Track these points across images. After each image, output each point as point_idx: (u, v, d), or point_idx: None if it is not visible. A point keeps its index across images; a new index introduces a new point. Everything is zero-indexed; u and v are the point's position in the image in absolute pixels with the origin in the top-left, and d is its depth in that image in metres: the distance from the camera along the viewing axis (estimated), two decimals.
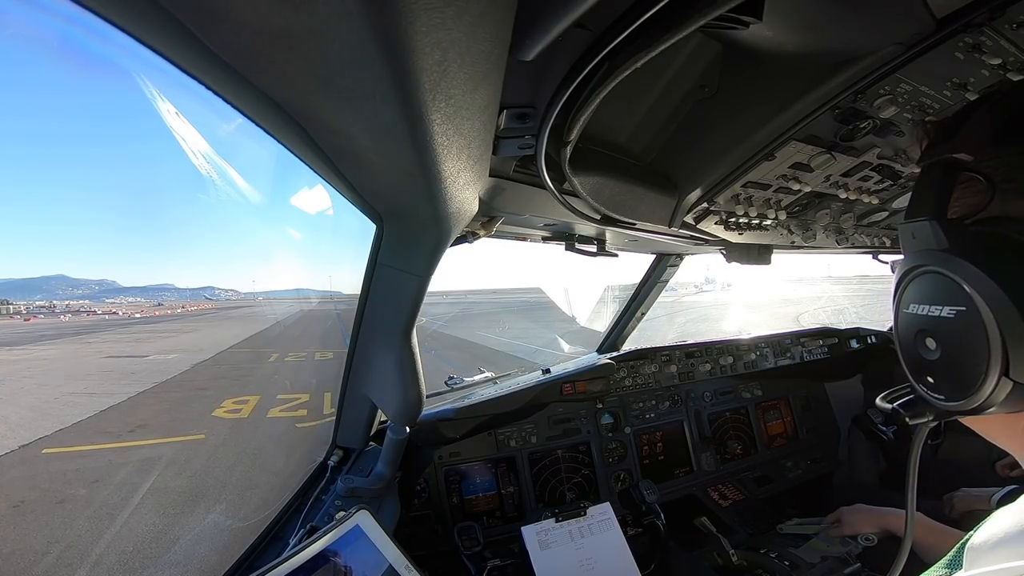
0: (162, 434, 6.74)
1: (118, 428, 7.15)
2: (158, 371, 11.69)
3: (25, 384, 10.70)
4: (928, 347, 0.44)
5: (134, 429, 7.05)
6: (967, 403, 0.42)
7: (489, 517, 1.65)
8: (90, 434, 6.93)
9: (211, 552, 3.72)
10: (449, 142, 0.57)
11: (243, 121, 0.57)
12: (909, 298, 0.46)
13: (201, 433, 6.70)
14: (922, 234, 0.44)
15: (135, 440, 6.57)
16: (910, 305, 0.46)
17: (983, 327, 0.39)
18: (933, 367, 0.45)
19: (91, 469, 5.56)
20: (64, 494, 4.93)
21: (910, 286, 0.46)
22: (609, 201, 0.95)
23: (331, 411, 1.44)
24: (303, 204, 2.39)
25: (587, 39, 0.49)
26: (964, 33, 0.53)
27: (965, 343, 0.41)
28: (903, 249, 0.47)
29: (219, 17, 0.39)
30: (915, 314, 0.45)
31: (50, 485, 5.15)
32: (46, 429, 7.08)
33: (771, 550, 1.52)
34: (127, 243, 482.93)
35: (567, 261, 1.52)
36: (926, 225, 0.44)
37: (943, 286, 0.42)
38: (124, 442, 6.52)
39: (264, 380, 10.57)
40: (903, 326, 0.47)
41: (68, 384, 10.56)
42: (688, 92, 0.82)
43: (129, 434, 6.85)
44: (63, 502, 4.76)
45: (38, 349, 18.34)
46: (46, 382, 10.94)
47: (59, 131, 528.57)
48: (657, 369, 2.03)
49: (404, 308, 1.14)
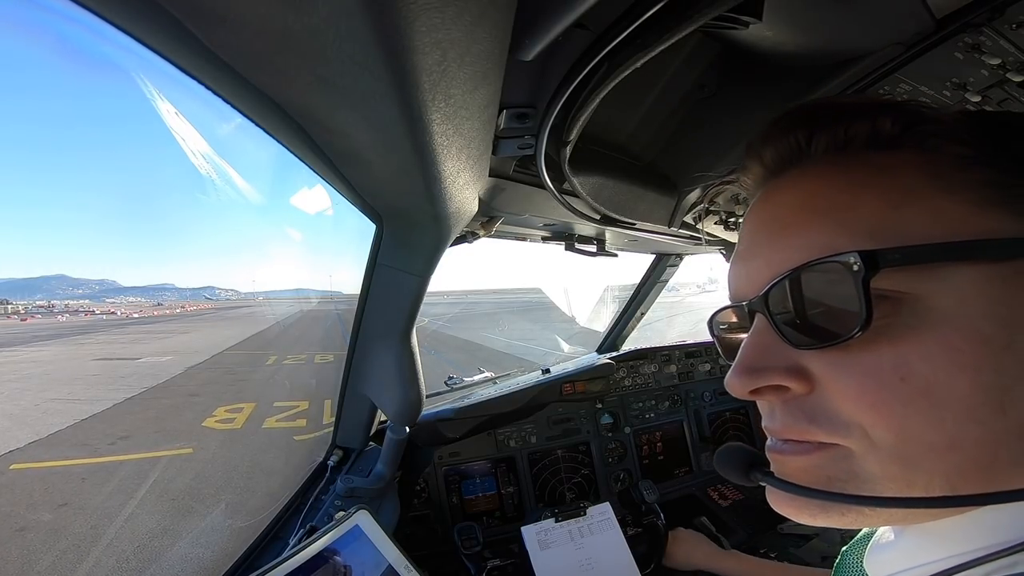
0: (145, 448, 6.12)
1: (98, 440, 6.48)
2: (149, 375, 11.13)
3: (8, 389, 10.02)
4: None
5: (115, 441, 6.44)
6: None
7: (489, 517, 1.65)
8: (66, 447, 6.28)
9: None
10: (449, 142, 0.57)
11: (242, 121, 0.57)
12: None
13: (189, 447, 6.07)
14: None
15: (114, 455, 5.92)
16: None
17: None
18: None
19: (61, 489, 4.90)
20: (26, 520, 4.29)
21: None
22: (609, 201, 0.95)
23: (331, 421, 1.42)
24: (303, 204, 2.34)
25: (587, 39, 0.49)
26: (964, 33, 0.53)
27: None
28: None
29: (219, 17, 0.39)
30: None
31: (12, 508, 4.48)
32: (19, 441, 6.44)
33: (771, 550, 1.52)
34: (127, 243, 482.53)
35: (567, 261, 1.52)
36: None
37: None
38: (102, 457, 5.88)
39: (261, 385, 10.08)
40: None
41: (52, 389, 9.91)
42: (687, 92, 0.82)
43: (109, 447, 6.21)
44: (23, 530, 4.12)
45: (29, 350, 17.85)
46: (30, 386, 10.29)
47: (58, 133, 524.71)
48: (657, 369, 2.03)
49: (404, 308, 1.14)
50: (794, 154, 0.38)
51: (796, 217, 0.35)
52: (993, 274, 0.29)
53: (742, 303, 0.38)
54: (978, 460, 0.29)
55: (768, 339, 0.35)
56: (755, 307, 0.36)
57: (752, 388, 0.35)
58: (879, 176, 0.33)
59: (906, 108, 0.35)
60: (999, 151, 0.33)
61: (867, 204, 0.32)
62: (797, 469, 0.35)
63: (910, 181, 0.32)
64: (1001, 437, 0.29)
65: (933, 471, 0.30)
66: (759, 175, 0.40)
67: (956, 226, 0.30)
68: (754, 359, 0.35)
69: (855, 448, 0.32)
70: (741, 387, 0.35)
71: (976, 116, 0.35)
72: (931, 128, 0.34)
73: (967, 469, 0.30)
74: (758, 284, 0.35)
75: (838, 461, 0.33)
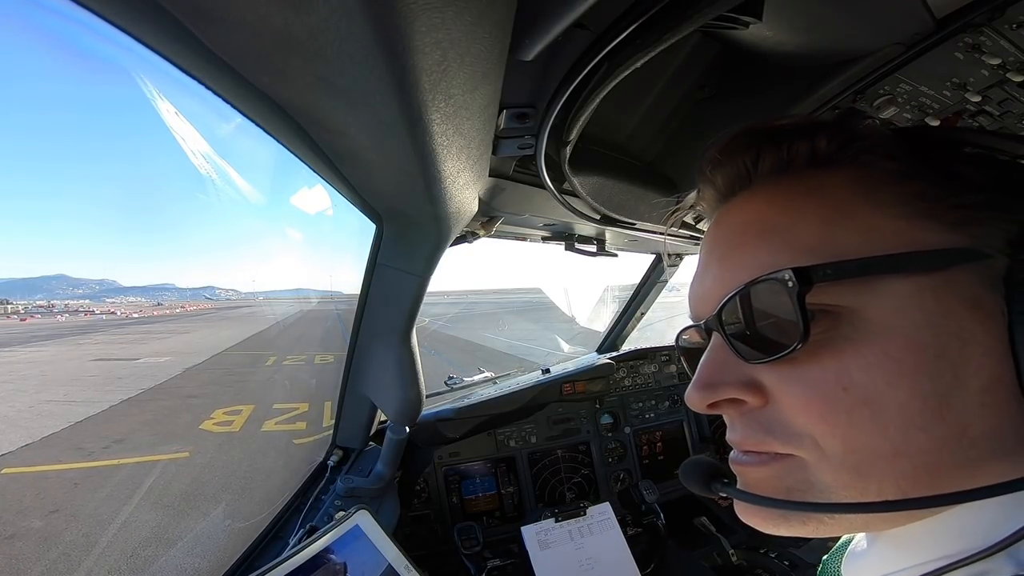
0: (140, 451, 5.94)
1: (92, 444, 6.29)
2: (146, 376, 10.92)
3: (3, 390, 9.76)
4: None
5: (109, 445, 6.22)
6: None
7: (489, 517, 1.65)
8: (59, 451, 6.08)
9: None
10: (449, 142, 0.57)
11: (243, 121, 0.57)
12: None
13: (185, 451, 5.88)
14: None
15: (108, 459, 5.75)
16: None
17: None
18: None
19: (52, 495, 4.72)
20: (16, 527, 4.13)
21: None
22: (609, 201, 0.95)
23: (331, 424, 1.41)
24: (303, 204, 2.31)
25: (587, 39, 0.49)
26: (964, 33, 0.53)
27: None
28: None
29: (219, 17, 0.39)
30: None
31: (1, 514, 4.34)
32: (11, 444, 6.27)
33: (771, 550, 1.52)
34: (127, 244, 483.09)
35: (567, 261, 1.52)
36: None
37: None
38: (96, 461, 5.71)
39: (260, 387, 9.88)
40: None
41: (48, 390, 9.67)
42: (688, 92, 0.82)
43: (103, 451, 6.03)
44: (12, 537, 3.96)
45: (26, 351, 17.61)
46: (25, 388, 10.03)
47: (58, 135, 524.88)
48: (657, 369, 2.03)
49: (404, 308, 1.14)
50: (742, 177, 0.40)
51: (743, 238, 0.37)
52: (924, 285, 0.30)
53: (700, 322, 0.39)
54: (925, 465, 0.30)
55: (723, 355, 0.36)
56: (710, 325, 0.37)
57: (709, 402, 0.36)
58: (817, 194, 0.35)
59: (842, 126, 0.37)
60: (925, 164, 0.34)
61: (805, 222, 0.34)
62: (758, 480, 0.36)
63: (845, 197, 0.34)
64: (944, 442, 0.30)
65: (883, 478, 0.31)
66: (712, 199, 0.42)
67: (888, 239, 0.32)
68: (710, 375, 0.36)
69: (808, 458, 0.33)
70: (700, 401, 0.37)
71: (905, 131, 0.37)
72: (864, 144, 0.36)
73: (915, 475, 0.30)
74: (712, 303, 0.37)
75: (794, 471, 0.34)
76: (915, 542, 0.34)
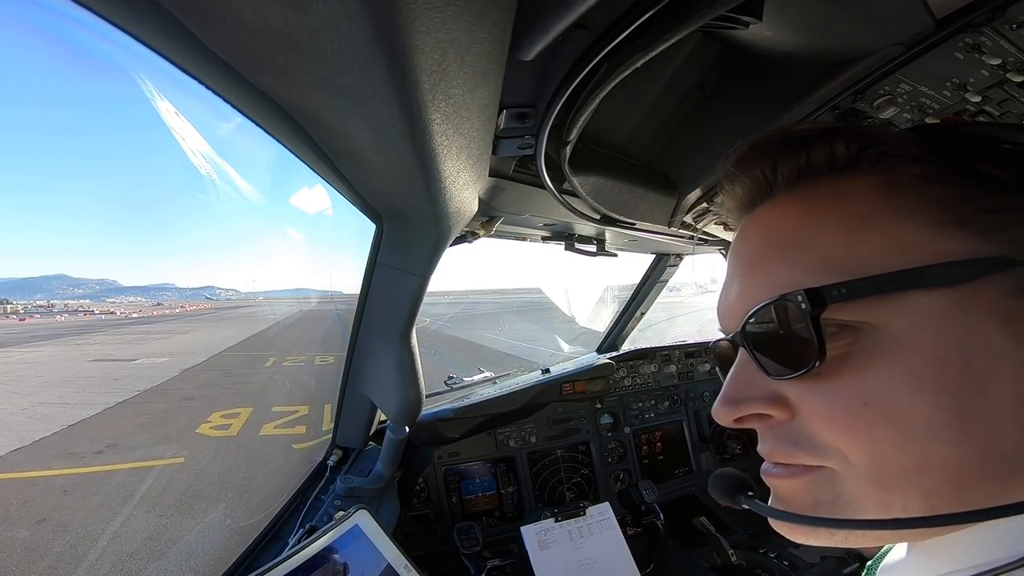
0: (134, 457, 5.72)
1: (84, 448, 6.04)
2: (144, 377, 10.67)
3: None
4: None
5: (102, 450, 5.99)
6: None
7: (488, 517, 1.65)
8: (50, 456, 5.85)
9: None
10: (449, 142, 0.57)
11: (243, 120, 0.57)
12: None
13: (180, 456, 5.67)
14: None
15: (100, 464, 5.53)
16: None
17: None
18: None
19: (40, 503, 4.48)
20: (0, 537, 3.90)
21: None
22: (609, 201, 0.95)
23: (331, 428, 1.40)
24: (303, 204, 2.28)
25: (587, 39, 0.49)
26: (964, 33, 0.53)
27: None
28: None
29: (219, 17, 0.39)
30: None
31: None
32: (1, 448, 6.02)
33: (770, 550, 1.52)
34: (127, 244, 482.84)
35: (567, 261, 1.52)
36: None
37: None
38: (87, 467, 5.47)
39: (259, 389, 9.63)
40: None
41: (43, 392, 9.39)
42: (688, 92, 0.82)
43: (95, 456, 5.80)
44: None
45: (24, 351, 17.31)
46: (20, 389, 9.73)
47: (58, 135, 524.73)
48: (656, 369, 2.03)
49: (404, 308, 1.14)
50: (763, 188, 0.39)
51: (762, 255, 0.37)
52: (946, 299, 0.30)
53: (728, 336, 0.40)
54: (951, 480, 0.30)
55: (749, 370, 0.36)
56: (736, 340, 0.37)
57: (735, 417, 0.37)
58: (837, 203, 0.34)
59: (858, 131, 0.36)
60: (949, 165, 0.33)
61: (824, 236, 0.33)
62: (788, 492, 0.36)
63: (866, 205, 0.33)
64: (969, 456, 0.29)
65: (907, 492, 0.31)
66: (735, 210, 0.42)
67: (911, 251, 0.31)
68: (736, 390, 0.37)
69: (838, 469, 0.33)
70: (726, 415, 0.37)
71: (925, 130, 0.36)
72: (884, 148, 0.35)
73: (940, 489, 0.30)
74: (736, 318, 0.37)
75: (824, 483, 0.34)
76: (951, 551, 0.34)
